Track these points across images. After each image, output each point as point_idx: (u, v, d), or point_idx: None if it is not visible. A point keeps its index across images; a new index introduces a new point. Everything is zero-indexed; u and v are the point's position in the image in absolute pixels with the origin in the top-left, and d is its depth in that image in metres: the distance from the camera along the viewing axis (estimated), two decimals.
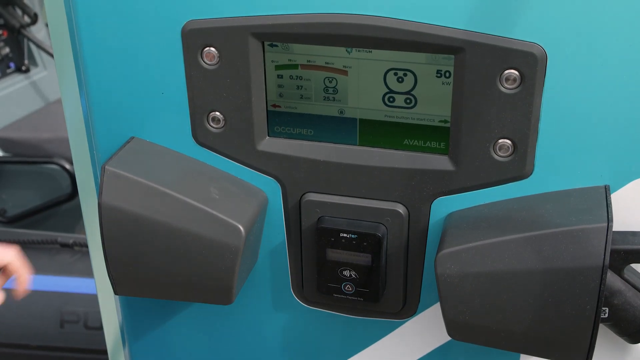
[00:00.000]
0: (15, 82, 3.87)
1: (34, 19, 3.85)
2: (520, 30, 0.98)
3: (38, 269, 2.59)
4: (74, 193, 3.38)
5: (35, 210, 3.32)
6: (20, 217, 3.27)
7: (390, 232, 1.16)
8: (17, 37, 3.89)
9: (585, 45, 0.98)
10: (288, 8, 1.05)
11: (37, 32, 4.00)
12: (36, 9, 4.02)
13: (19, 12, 3.87)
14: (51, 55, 3.70)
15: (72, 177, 3.33)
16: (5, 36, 3.85)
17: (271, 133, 1.17)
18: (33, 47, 4.00)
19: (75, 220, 3.38)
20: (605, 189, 1.05)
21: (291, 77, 1.12)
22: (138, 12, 1.11)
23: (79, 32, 1.15)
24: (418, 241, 1.17)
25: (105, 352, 2.41)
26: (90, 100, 1.20)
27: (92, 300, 2.51)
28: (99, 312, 1.52)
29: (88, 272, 2.58)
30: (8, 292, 2.35)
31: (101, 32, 1.13)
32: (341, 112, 1.13)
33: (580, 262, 0.99)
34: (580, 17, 0.96)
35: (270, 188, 1.19)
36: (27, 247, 2.67)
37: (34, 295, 2.54)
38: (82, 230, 3.25)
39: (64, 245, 2.68)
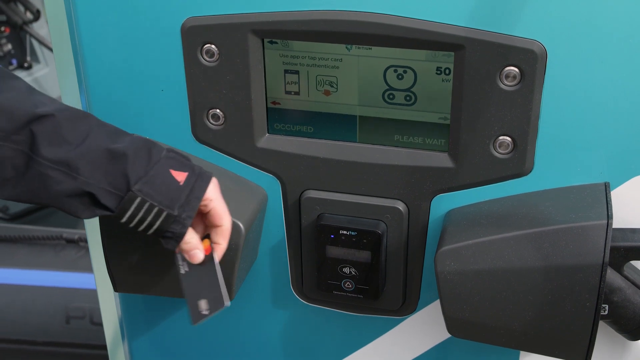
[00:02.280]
0: None
1: (37, 16, 3.84)
2: (520, 27, 0.98)
3: (43, 264, 2.59)
4: None
5: (37, 207, 3.32)
6: (22, 214, 3.27)
7: (390, 229, 1.15)
8: (19, 33, 3.88)
9: (585, 42, 0.97)
10: (288, 5, 1.05)
11: (39, 28, 4.00)
12: (38, 5, 4.02)
13: (22, 8, 3.87)
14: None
15: None
16: (7, 33, 3.85)
17: (271, 130, 1.17)
18: (35, 44, 4.00)
19: None
20: (605, 186, 1.05)
21: (291, 73, 1.12)
22: (137, 9, 1.11)
23: (79, 29, 1.15)
24: (418, 238, 1.17)
25: None
26: (90, 97, 1.20)
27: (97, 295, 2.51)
28: None
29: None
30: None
31: (101, 30, 1.13)
32: (341, 109, 1.13)
33: (580, 259, 0.99)
34: (580, 14, 0.96)
35: (270, 185, 1.19)
36: (33, 243, 2.68)
37: (40, 291, 2.54)
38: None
39: (70, 241, 2.68)
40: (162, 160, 0.96)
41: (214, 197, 1.02)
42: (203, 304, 1.04)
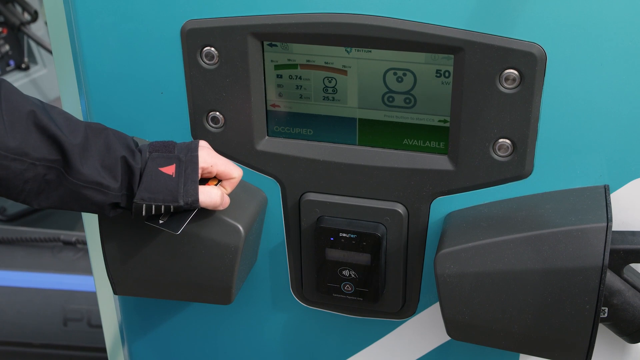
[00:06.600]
0: (15, 80, 3.86)
1: (34, 17, 3.84)
2: (520, 30, 0.98)
3: (41, 266, 2.58)
4: None
5: (35, 209, 3.32)
6: (20, 215, 3.27)
7: (390, 232, 1.15)
8: (17, 34, 3.88)
9: (584, 45, 0.97)
10: (287, 8, 1.05)
11: (37, 29, 3.99)
12: (36, 6, 4.02)
13: (19, 9, 3.87)
14: (51, 53, 3.68)
15: None
16: (5, 34, 3.84)
17: (270, 133, 1.17)
18: (33, 45, 4.00)
19: (77, 217, 3.38)
20: (605, 188, 1.05)
21: (290, 76, 1.12)
22: (137, 11, 1.10)
23: (79, 32, 1.14)
24: (417, 241, 1.17)
25: None
26: (90, 99, 1.19)
27: (95, 298, 2.50)
28: None
29: (91, 270, 2.57)
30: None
31: (101, 32, 1.13)
32: (340, 112, 1.13)
33: (579, 262, 0.99)
34: (579, 17, 0.96)
35: (269, 188, 1.19)
36: (30, 245, 2.67)
37: (37, 293, 2.54)
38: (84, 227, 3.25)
39: (67, 243, 2.68)
40: (149, 163, 1.03)
41: (212, 162, 1.07)
42: None
